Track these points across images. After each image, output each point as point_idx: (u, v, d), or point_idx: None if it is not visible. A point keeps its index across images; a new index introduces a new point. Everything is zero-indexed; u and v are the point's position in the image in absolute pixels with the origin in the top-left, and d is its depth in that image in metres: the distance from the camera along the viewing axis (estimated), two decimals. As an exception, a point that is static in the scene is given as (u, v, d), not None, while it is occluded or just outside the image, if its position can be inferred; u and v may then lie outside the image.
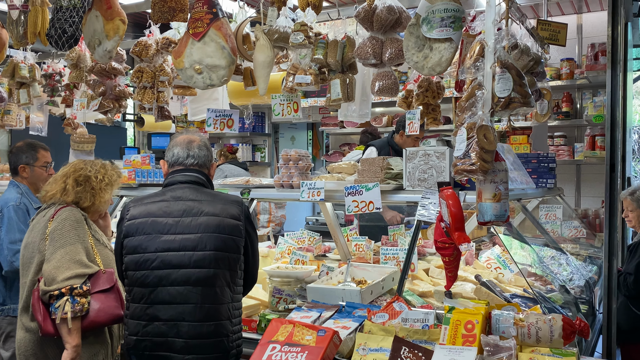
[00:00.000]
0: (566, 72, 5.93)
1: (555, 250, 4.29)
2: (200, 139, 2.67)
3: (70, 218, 2.69)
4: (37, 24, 3.93)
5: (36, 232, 2.73)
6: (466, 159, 2.53)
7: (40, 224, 2.74)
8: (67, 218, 2.68)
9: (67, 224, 2.67)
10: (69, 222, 2.68)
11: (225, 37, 3.33)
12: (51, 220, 2.69)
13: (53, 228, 2.65)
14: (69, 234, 2.64)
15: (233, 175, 6.38)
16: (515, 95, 2.58)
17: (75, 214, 2.73)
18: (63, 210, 2.72)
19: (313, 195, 3.26)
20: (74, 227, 2.67)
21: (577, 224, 5.05)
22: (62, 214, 2.70)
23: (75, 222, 2.70)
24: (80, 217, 2.74)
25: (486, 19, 2.67)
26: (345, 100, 3.46)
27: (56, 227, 2.65)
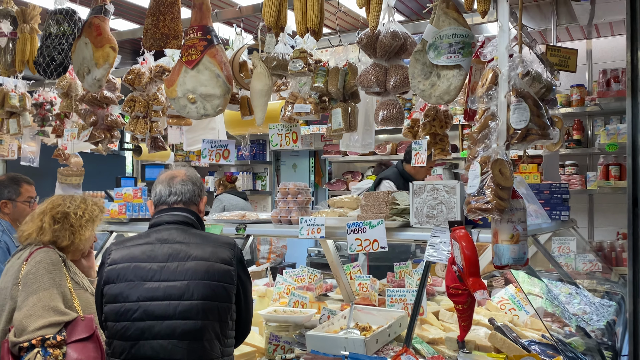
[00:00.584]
0: (576, 99, 5.74)
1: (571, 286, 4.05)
2: (185, 173, 2.46)
3: (46, 260, 2.47)
4: (25, 51, 3.77)
5: (9, 276, 2.51)
6: (480, 197, 2.31)
7: (14, 268, 2.52)
8: (41, 260, 2.46)
9: (41, 267, 2.44)
10: (44, 264, 2.45)
11: (220, 64, 3.14)
12: (25, 264, 2.47)
13: (26, 272, 2.43)
14: (43, 278, 2.41)
15: (232, 206, 6.17)
16: (533, 126, 2.37)
17: (52, 255, 2.51)
18: (38, 252, 2.50)
19: (313, 233, 3.03)
20: (49, 271, 2.45)
21: (592, 257, 4.81)
22: (36, 256, 2.48)
23: (51, 264, 2.47)
24: (57, 258, 2.52)
25: (499, 45, 2.48)
26: (347, 130, 3.26)
27: (29, 271, 2.43)
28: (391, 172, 5.21)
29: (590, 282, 4.66)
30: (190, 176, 2.45)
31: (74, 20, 3.60)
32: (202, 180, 2.52)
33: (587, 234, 6.01)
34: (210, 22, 3.23)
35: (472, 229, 2.72)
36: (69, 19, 3.60)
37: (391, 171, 5.24)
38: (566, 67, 5.22)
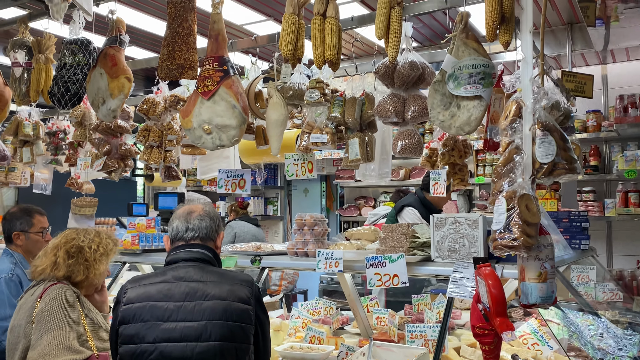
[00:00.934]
0: (593, 125, 5.67)
1: (593, 316, 3.94)
2: (202, 208, 2.41)
3: (60, 297, 2.41)
4: (40, 81, 3.76)
5: (22, 313, 2.45)
6: (506, 233, 2.24)
7: (27, 305, 2.46)
8: (56, 297, 2.40)
9: (55, 304, 2.39)
10: (58, 301, 2.40)
11: (236, 95, 3.11)
12: (39, 301, 2.42)
13: (40, 309, 2.38)
14: (57, 316, 2.36)
15: (244, 232, 6.10)
16: (560, 160, 2.30)
17: (66, 292, 2.45)
18: (52, 289, 2.44)
19: (330, 266, 2.96)
20: (63, 308, 2.39)
21: (612, 286, 4.69)
22: (50, 293, 2.42)
23: (65, 301, 2.41)
24: (72, 295, 2.46)
25: (522, 77, 2.43)
26: (364, 160, 3.21)
27: (44, 308, 2.37)
28: (412, 199, 5.11)
29: (612, 313, 4.54)
30: (208, 211, 2.40)
31: (89, 51, 3.59)
32: (219, 216, 2.47)
33: (605, 262, 5.89)
34: (226, 52, 3.21)
35: (495, 264, 2.64)
36: (84, 49, 3.59)
37: (412, 198, 5.13)
38: (582, 93, 5.16)
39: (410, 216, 4.99)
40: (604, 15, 5.26)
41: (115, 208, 6.86)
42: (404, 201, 5.19)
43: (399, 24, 2.72)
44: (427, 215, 5.07)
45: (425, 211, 5.05)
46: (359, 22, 3.26)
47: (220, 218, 2.47)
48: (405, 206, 5.08)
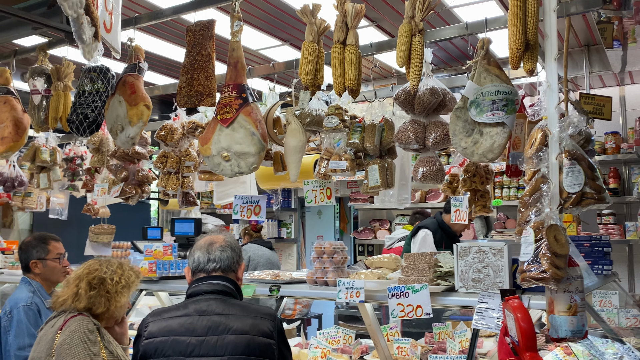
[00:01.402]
0: (612, 146, 5.61)
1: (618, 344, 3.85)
2: (223, 239, 2.38)
3: (80, 329, 2.37)
4: (58, 108, 3.78)
5: (42, 345, 2.41)
6: (534, 264, 2.18)
7: (48, 337, 2.42)
8: (76, 330, 2.37)
9: (76, 336, 2.35)
10: (79, 334, 2.36)
11: (255, 122, 3.10)
12: (59, 333, 2.38)
13: (60, 342, 2.34)
14: (77, 349, 2.31)
15: (257, 256, 6.04)
16: (588, 190, 2.26)
17: (87, 324, 2.41)
18: (73, 321, 2.41)
19: (351, 296, 2.91)
20: (84, 341, 2.35)
21: (635, 311, 4.59)
22: (71, 325, 2.39)
23: (86, 334, 2.37)
24: (92, 327, 2.42)
25: (548, 105, 2.39)
26: (384, 187, 3.18)
27: (64, 341, 2.33)
28: (430, 222, 5.08)
29: (637, 340, 4.43)
30: (229, 242, 2.37)
31: (108, 78, 3.60)
32: (240, 247, 2.43)
33: (627, 287, 5.77)
34: (245, 80, 3.20)
35: (522, 294, 2.58)
36: (103, 77, 3.60)
37: (430, 221, 5.11)
38: (601, 115, 5.11)
39: (422, 239, 4.95)
40: (621, 37, 5.22)
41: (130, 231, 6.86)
42: (421, 223, 5.17)
43: (420, 52, 2.71)
44: (443, 238, 5.02)
45: (442, 235, 4.99)
46: (377, 48, 3.25)
47: (241, 249, 2.43)
48: (421, 228, 5.04)
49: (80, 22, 2.12)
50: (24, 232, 7.49)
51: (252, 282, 3.40)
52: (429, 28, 2.95)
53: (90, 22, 2.18)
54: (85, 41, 2.13)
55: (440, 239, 4.94)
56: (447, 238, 4.94)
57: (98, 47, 2.34)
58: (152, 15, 3.64)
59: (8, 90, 4.00)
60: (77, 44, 2.20)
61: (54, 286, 3.39)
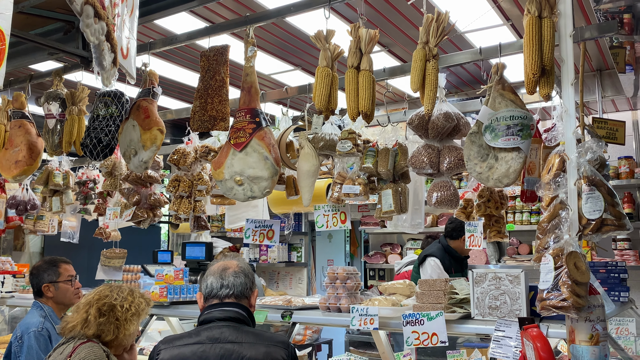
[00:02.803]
0: (625, 171, 5.55)
1: (636, 374, 3.76)
2: (237, 264, 2.36)
3: (90, 357, 2.34)
4: (72, 133, 3.79)
5: None
6: (554, 293, 2.14)
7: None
8: (85, 357, 2.34)
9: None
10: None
11: (269, 147, 3.09)
12: (69, 359, 2.35)
13: None
14: None
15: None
16: (608, 216, 2.22)
17: (96, 351, 2.39)
18: (82, 348, 2.38)
19: (365, 323, 2.86)
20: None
21: (653, 339, 4.49)
22: (80, 353, 2.36)
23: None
24: (102, 354, 2.39)
25: (565, 130, 2.37)
26: (398, 212, 3.14)
27: None
28: (435, 248, 4.95)
29: (656, 370, 4.34)
30: (243, 268, 2.34)
31: (122, 103, 3.62)
32: (252, 273, 2.41)
33: (644, 313, 5.65)
34: (259, 104, 3.21)
35: (540, 322, 2.53)
36: (117, 101, 3.62)
37: (435, 247, 4.98)
38: (614, 140, 5.07)
39: (431, 268, 4.83)
40: (633, 62, 5.21)
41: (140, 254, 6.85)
42: (426, 251, 5.02)
43: (434, 77, 2.70)
44: (452, 263, 4.92)
45: (451, 260, 4.88)
46: (390, 73, 3.25)
47: (254, 275, 2.40)
48: (428, 256, 4.91)
49: (102, 49, 2.13)
50: (35, 255, 7.50)
51: (264, 307, 3.36)
52: (441, 53, 2.95)
53: (110, 49, 2.19)
54: (105, 67, 2.14)
55: (449, 265, 4.84)
56: (455, 262, 4.84)
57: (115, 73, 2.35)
58: (166, 40, 3.67)
59: (23, 115, 4.03)
60: (96, 70, 2.21)
61: (67, 309, 3.37)
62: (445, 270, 4.78)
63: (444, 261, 4.76)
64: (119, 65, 2.36)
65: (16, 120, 4.01)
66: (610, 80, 5.28)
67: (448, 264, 4.80)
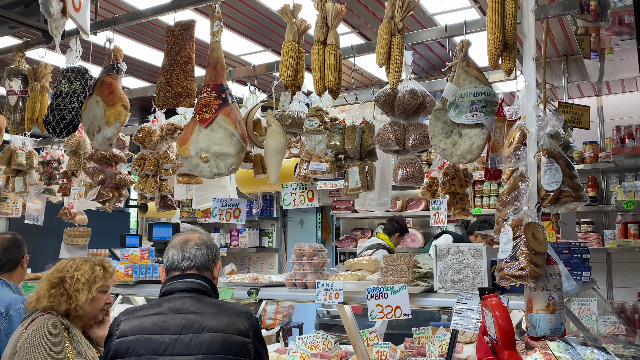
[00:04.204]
0: (590, 156, 5.67)
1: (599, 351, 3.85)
2: (199, 236, 2.33)
3: (44, 329, 2.30)
4: (35, 110, 3.72)
5: (11, 344, 2.36)
6: (513, 262, 2.18)
7: (16, 335, 2.38)
8: (39, 329, 2.30)
9: (38, 335, 2.28)
10: (41, 333, 2.29)
11: (235, 123, 3.07)
12: (24, 332, 2.32)
13: (22, 340, 2.29)
14: (37, 348, 2.25)
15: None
16: (566, 188, 2.26)
17: (51, 323, 2.34)
18: (38, 319, 2.35)
19: (330, 298, 2.88)
20: (45, 340, 2.28)
21: (614, 319, 4.61)
22: (35, 324, 2.33)
23: (49, 333, 2.30)
24: (58, 327, 2.34)
25: (526, 103, 2.40)
26: (364, 189, 3.15)
27: (25, 340, 2.28)
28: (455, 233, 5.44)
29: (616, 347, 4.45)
30: (205, 240, 2.32)
31: (86, 79, 3.55)
32: (216, 245, 2.39)
33: (606, 294, 5.81)
34: (225, 80, 3.18)
35: (500, 295, 2.57)
36: (81, 78, 3.55)
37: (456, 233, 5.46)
38: (579, 124, 5.15)
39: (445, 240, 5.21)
40: (598, 48, 5.30)
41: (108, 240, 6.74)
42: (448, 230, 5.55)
43: (400, 51, 2.71)
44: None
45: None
46: (358, 50, 3.24)
47: (217, 247, 2.39)
48: (445, 232, 5.39)
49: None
50: (-1, 240, 7.32)
51: (231, 285, 3.35)
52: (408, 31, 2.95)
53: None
54: (53, 15, 2.10)
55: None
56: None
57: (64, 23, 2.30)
58: (131, 16, 3.61)
59: (-17, 91, 3.93)
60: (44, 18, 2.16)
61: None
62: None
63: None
64: (69, 17, 2.30)
65: (-24, 97, 3.91)
66: (576, 66, 5.37)
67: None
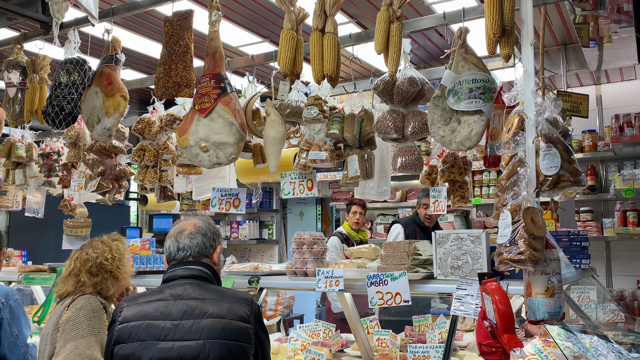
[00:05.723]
0: (589, 145, 5.68)
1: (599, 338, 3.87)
2: (194, 224, 2.30)
3: (86, 307, 2.45)
4: (34, 101, 3.72)
5: (51, 322, 2.49)
6: (512, 247, 2.19)
7: (56, 313, 2.51)
8: (82, 307, 2.45)
9: (81, 314, 2.42)
10: (84, 311, 2.43)
11: (234, 112, 3.07)
12: (66, 310, 2.46)
13: (66, 318, 2.41)
14: (81, 325, 2.38)
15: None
16: (564, 173, 2.28)
17: (92, 302, 2.49)
18: (80, 299, 2.49)
19: (331, 285, 2.89)
20: (89, 318, 2.42)
21: (613, 306, 4.63)
22: (77, 303, 2.47)
23: (91, 311, 2.45)
24: (98, 306, 2.50)
25: (524, 89, 2.41)
26: (364, 177, 3.16)
27: (69, 318, 2.41)
28: (405, 218, 5.32)
29: (615, 334, 4.47)
30: (200, 227, 2.30)
31: (84, 70, 3.56)
32: (215, 229, 2.37)
33: (605, 282, 5.84)
34: (224, 70, 3.18)
35: (500, 280, 2.58)
36: (79, 69, 3.56)
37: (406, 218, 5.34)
38: (578, 113, 5.16)
39: (395, 233, 5.24)
40: (597, 37, 5.30)
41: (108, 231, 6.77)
42: (396, 220, 5.46)
43: (398, 38, 2.71)
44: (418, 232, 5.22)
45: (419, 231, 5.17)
46: (356, 39, 3.25)
47: (216, 231, 2.37)
48: (394, 223, 5.32)
49: None
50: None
51: (232, 274, 3.36)
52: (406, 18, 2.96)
53: None
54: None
55: (412, 232, 5.11)
56: (422, 231, 5.08)
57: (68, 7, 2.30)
58: (129, 6, 3.60)
59: (-19, 84, 3.94)
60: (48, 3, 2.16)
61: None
62: (407, 236, 5.16)
63: (407, 228, 5.08)
64: (73, 2, 2.30)
65: (-26, 89, 3.91)
66: (574, 55, 5.36)
67: (411, 231, 5.10)
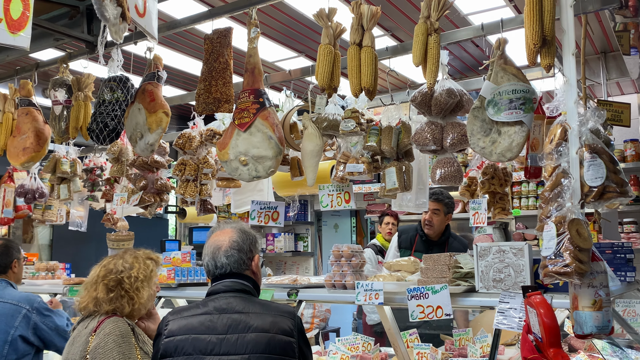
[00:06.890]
0: (631, 154, 5.55)
1: (645, 353, 3.75)
2: (229, 239, 2.31)
3: (115, 332, 2.38)
4: (79, 118, 3.83)
5: (76, 347, 2.42)
6: (557, 259, 2.15)
7: (82, 338, 2.43)
8: (110, 333, 2.37)
9: (110, 340, 2.36)
10: (113, 337, 2.37)
11: (273, 126, 3.12)
12: (93, 335, 2.39)
13: (95, 345, 2.35)
14: (112, 353, 2.33)
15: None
16: (610, 183, 2.23)
17: (121, 326, 2.42)
18: (107, 322, 2.42)
19: (370, 298, 2.88)
20: (118, 344, 2.36)
21: (660, 321, 4.49)
22: (105, 328, 2.40)
23: (120, 337, 2.38)
24: (126, 329, 2.42)
25: (566, 99, 2.38)
26: (402, 190, 3.16)
27: (98, 344, 2.34)
28: (407, 225, 5.01)
29: (665, 350, 4.34)
30: (235, 243, 2.29)
31: (127, 87, 3.65)
32: (251, 238, 2.36)
33: (651, 296, 5.65)
34: (262, 85, 3.24)
35: (544, 293, 2.54)
36: (122, 86, 3.65)
37: (408, 225, 5.01)
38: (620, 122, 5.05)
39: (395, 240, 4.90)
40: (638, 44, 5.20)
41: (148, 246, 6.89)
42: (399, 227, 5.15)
43: (436, 51, 2.71)
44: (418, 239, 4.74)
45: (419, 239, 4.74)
46: (392, 52, 3.27)
47: (253, 240, 2.38)
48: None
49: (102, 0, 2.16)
50: (44, 247, 7.56)
51: (270, 286, 3.39)
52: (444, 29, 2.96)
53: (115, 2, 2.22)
54: (109, 19, 2.17)
55: (407, 239, 4.76)
56: (420, 240, 4.70)
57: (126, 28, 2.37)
58: (170, 25, 3.70)
59: (30, 102, 4.08)
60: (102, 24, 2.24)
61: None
62: (403, 241, 4.78)
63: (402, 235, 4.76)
64: (131, 22, 2.37)
65: (23, 107, 4.06)
66: (615, 63, 5.27)
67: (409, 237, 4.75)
